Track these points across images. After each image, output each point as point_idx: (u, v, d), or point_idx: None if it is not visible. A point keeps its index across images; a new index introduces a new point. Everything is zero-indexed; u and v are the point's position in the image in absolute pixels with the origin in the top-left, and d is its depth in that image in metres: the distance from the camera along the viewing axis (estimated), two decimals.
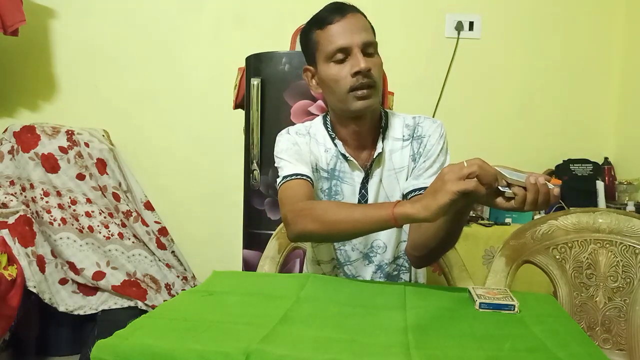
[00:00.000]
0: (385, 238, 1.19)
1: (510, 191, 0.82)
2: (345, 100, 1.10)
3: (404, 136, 1.18)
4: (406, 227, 1.19)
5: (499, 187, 0.83)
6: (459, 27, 2.51)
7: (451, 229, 1.00)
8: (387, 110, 1.24)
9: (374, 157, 1.16)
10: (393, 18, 2.50)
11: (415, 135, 1.18)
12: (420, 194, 1.11)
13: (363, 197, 1.17)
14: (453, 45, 2.52)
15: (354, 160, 1.16)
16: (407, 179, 1.17)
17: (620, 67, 2.52)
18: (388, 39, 1.17)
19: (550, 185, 0.82)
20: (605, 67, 2.54)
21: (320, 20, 1.11)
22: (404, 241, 1.21)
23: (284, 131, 1.24)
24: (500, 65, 2.55)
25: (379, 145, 1.16)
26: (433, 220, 0.87)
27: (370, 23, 1.14)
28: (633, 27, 2.45)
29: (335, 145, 1.18)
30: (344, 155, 1.17)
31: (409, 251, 1.17)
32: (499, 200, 0.84)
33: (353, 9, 1.11)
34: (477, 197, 0.82)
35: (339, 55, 1.08)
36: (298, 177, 1.13)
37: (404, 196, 1.17)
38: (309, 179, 1.13)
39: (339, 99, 1.12)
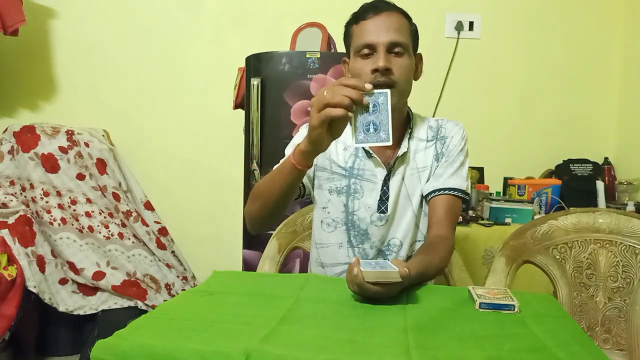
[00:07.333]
0: (401, 236, 1.21)
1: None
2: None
3: (428, 137, 1.22)
4: (422, 226, 1.22)
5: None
6: (459, 27, 2.51)
7: None
8: (414, 112, 1.27)
9: (399, 155, 1.19)
10: None
11: (439, 137, 1.22)
12: (441, 194, 1.16)
13: (384, 194, 1.20)
14: (453, 45, 2.52)
15: (377, 157, 1.19)
16: (428, 179, 1.20)
17: (620, 67, 2.52)
18: None
19: (363, 276, 0.83)
20: (605, 67, 2.54)
21: (356, 16, 1.16)
22: (419, 241, 1.22)
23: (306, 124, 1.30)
24: (500, 65, 2.55)
25: (404, 144, 1.19)
26: (319, 149, 0.96)
27: (408, 23, 1.16)
28: (633, 27, 2.45)
29: None
30: (367, 152, 1.20)
31: None
32: None
33: (390, 8, 1.15)
34: None
35: (365, 51, 1.13)
36: None
37: (424, 197, 1.20)
38: None
39: None
